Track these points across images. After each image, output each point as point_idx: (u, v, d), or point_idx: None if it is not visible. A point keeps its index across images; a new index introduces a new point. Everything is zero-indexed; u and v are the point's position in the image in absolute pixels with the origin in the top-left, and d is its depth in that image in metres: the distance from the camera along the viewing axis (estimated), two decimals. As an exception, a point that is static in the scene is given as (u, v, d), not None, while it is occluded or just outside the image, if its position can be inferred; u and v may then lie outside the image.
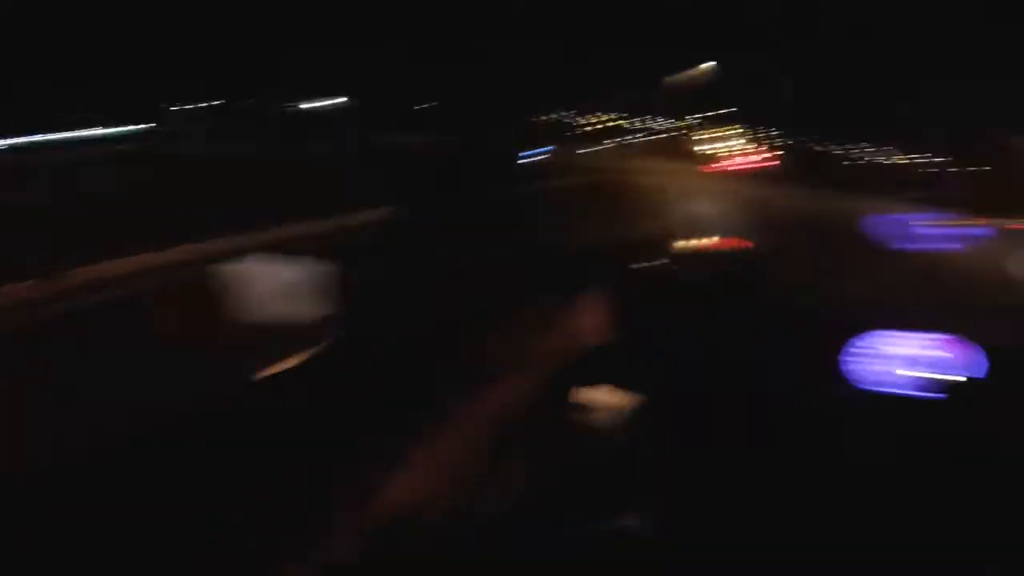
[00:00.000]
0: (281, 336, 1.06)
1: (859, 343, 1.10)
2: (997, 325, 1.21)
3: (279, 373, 1.04)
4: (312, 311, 1.05)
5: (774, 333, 1.24)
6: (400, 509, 0.63)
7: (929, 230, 1.23)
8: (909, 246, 1.27)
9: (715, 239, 2.30)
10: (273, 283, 1.03)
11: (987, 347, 1.02)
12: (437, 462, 0.70)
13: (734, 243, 2.35)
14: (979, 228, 1.08)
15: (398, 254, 1.42)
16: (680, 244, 2.08)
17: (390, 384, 1.04)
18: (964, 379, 0.98)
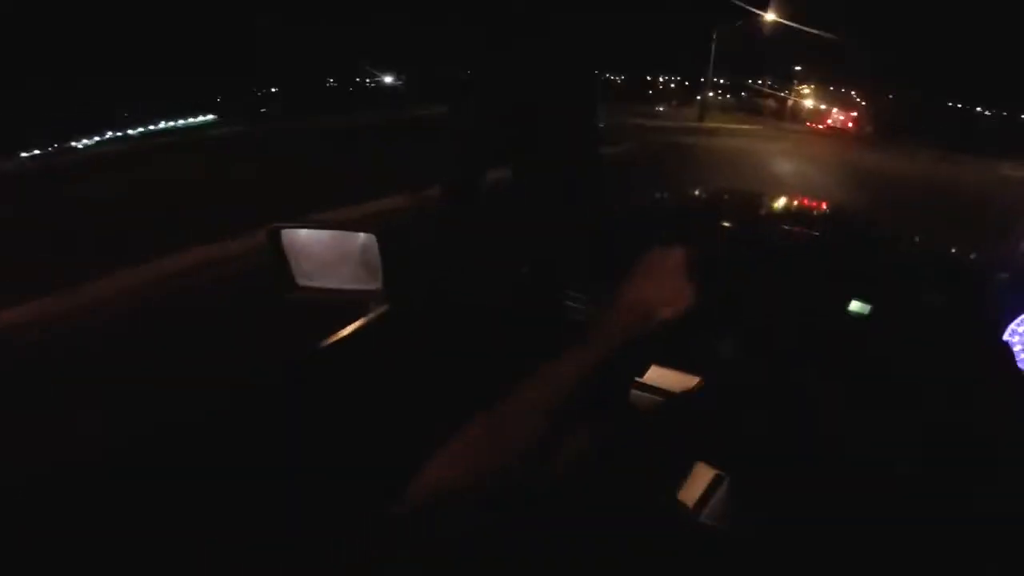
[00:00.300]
0: (337, 306, 1.07)
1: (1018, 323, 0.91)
2: None
3: (335, 344, 1.04)
4: (367, 281, 1.04)
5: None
6: (446, 486, 0.59)
7: None
8: None
9: (804, 201, 2.09)
10: (328, 253, 1.02)
11: None
12: (489, 439, 0.65)
13: (820, 205, 2.17)
14: None
15: (477, 219, 1.38)
16: (768, 205, 1.88)
17: (446, 358, 1.01)
18: None
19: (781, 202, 2.23)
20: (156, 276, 4.98)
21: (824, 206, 2.38)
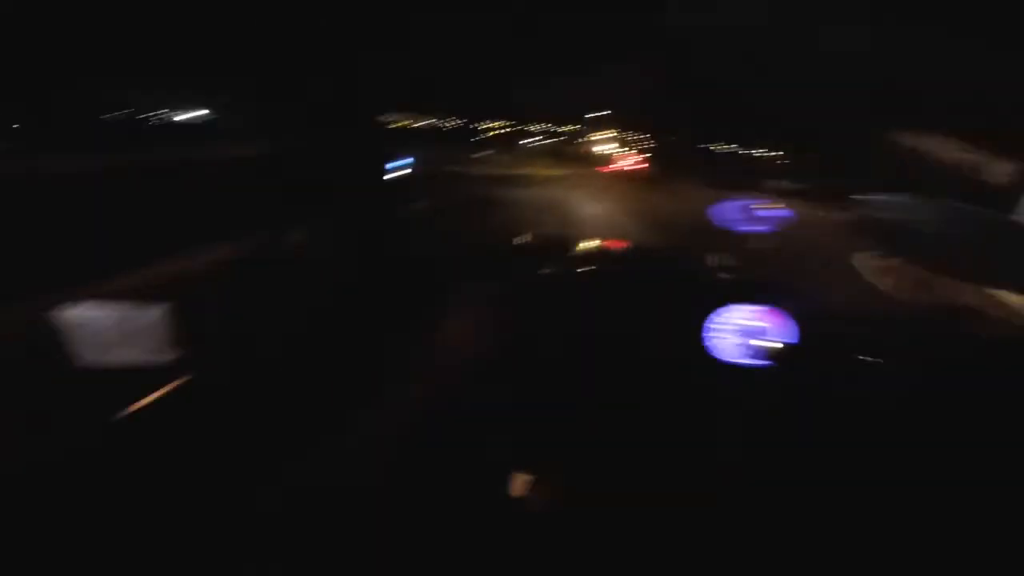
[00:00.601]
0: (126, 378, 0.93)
1: (718, 317, 1.17)
2: (809, 295, 1.39)
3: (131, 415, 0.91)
4: (161, 353, 0.93)
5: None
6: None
7: (760, 213, 1.36)
8: (746, 228, 1.39)
9: (603, 241, 2.39)
10: (111, 328, 0.89)
11: (798, 315, 1.13)
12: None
13: (618, 243, 2.48)
14: (783, 211, 1.22)
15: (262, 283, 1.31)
16: (577, 247, 2.13)
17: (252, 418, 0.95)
18: (782, 345, 1.08)
19: (590, 244, 2.52)
20: None
21: (625, 244, 2.76)
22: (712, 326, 1.17)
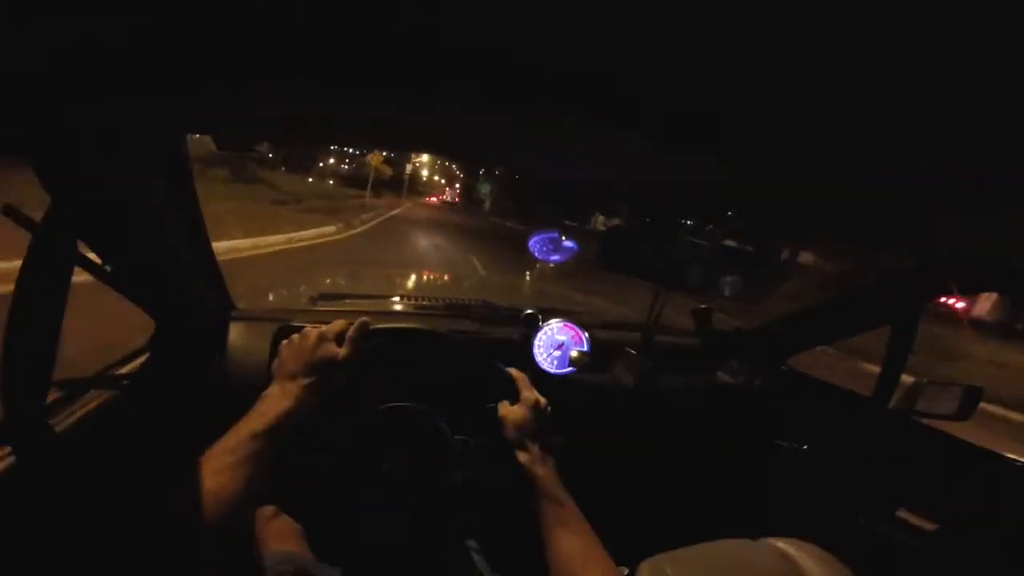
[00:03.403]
0: None
1: (540, 334, 1.36)
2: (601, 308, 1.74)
3: None
4: None
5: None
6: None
7: (561, 243, 1.61)
8: (551, 257, 1.63)
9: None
10: None
11: (587, 326, 1.40)
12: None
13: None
14: (570, 242, 1.50)
15: None
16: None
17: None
18: (579, 353, 1.33)
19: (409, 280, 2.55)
20: None
21: (446, 277, 2.87)
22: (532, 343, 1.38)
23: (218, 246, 1.07)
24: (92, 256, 0.81)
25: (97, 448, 0.85)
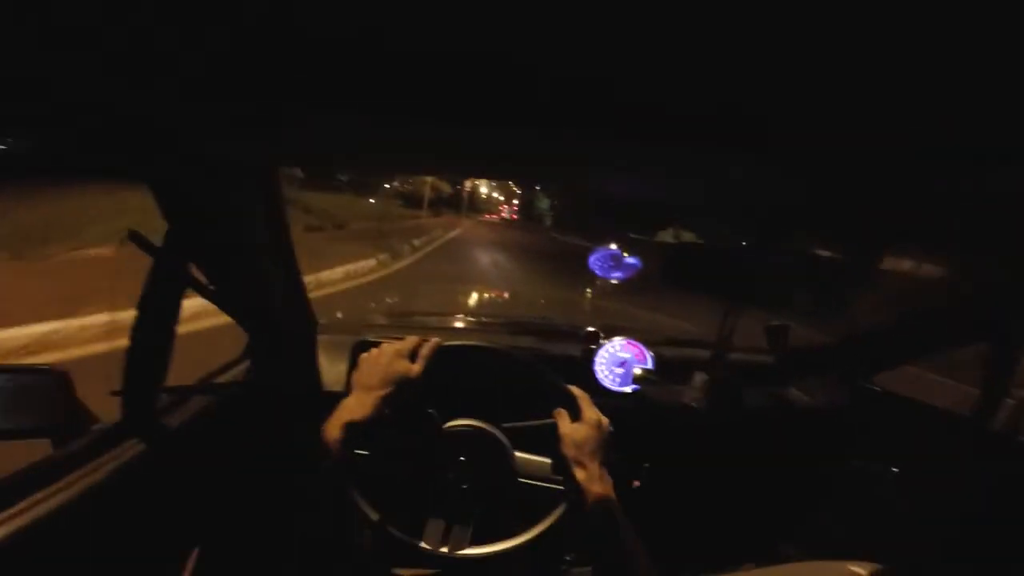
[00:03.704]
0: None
1: (602, 352, 1.36)
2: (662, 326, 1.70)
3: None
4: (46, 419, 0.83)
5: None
6: None
7: (623, 260, 1.60)
8: (612, 274, 1.63)
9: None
10: None
11: (651, 343, 1.37)
12: None
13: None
14: (632, 259, 1.49)
15: None
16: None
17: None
18: (643, 371, 1.31)
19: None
20: None
21: (506, 294, 2.93)
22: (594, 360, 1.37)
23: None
24: (199, 276, 0.92)
25: (201, 445, 0.95)
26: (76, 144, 0.59)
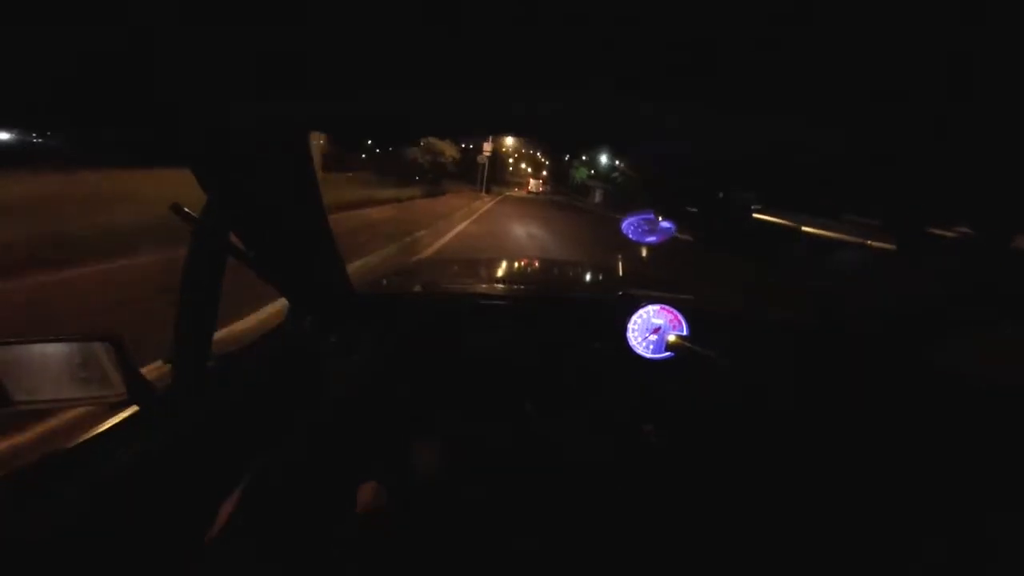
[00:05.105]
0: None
1: (635, 317, 1.34)
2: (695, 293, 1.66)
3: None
4: (105, 390, 0.88)
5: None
6: None
7: (658, 224, 1.54)
8: (646, 239, 1.58)
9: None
10: (53, 365, 0.83)
11: (686, 310, 1.34)
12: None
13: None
14: (667, 223, 1.43)
15: None
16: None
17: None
18: (677, 338, 1.28)
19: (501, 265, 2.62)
20: None
21: (537, 264, 2.90)
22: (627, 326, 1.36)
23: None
24: (238, 243, 0.94)
25: (248, 413, 1.00)
26: (106, 123, 0.61)
